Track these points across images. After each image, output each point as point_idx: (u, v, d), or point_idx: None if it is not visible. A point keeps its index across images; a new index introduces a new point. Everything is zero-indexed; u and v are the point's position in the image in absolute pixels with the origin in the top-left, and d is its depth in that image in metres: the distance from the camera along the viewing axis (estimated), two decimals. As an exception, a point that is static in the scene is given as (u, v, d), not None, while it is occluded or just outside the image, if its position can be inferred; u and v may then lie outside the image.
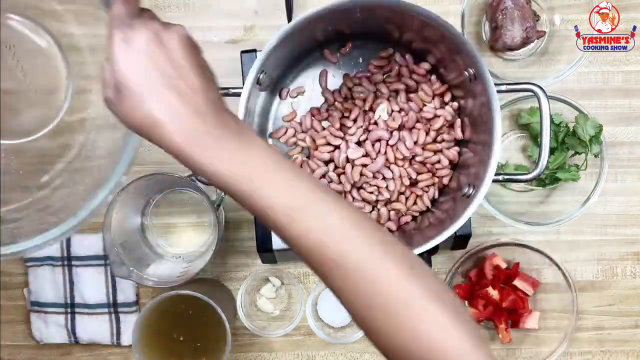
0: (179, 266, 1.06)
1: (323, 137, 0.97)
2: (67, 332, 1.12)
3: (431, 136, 0.96)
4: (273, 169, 0.56)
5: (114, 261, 0.99)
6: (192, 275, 0.98)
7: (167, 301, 0.98)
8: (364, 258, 0.56)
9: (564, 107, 1.07)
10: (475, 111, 0.92)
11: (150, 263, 1.05)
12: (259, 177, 0.56)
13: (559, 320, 1.10)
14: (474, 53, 0.86)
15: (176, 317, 1.01)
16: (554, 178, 1.08)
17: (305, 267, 1.12)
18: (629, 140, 1.11)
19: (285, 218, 0.56)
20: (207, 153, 0.55)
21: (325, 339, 1.10)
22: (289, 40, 0.88)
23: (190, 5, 1.11)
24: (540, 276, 1.11)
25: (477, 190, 0.87)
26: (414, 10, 0.86)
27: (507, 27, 1.06)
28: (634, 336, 1.12)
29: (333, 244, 0.55)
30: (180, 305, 1.00)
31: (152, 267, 1.04)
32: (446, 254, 1.11)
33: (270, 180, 0.56)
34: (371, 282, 0.55)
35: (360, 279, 0.56)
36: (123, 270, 1.00)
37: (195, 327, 1.01)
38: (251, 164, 0.56)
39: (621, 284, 1.12)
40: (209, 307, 0.97)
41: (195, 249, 1.10)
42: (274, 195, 0.57)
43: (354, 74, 0.99)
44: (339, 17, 0.90)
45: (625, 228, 1.12)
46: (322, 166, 0.97)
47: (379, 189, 0.96)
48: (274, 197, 0.57)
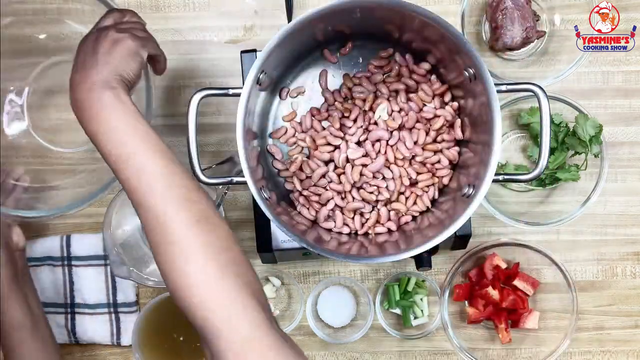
0: None
1: (323, 137, 0.97)
2: (67, 332, 1.12)
3: (431, 136, 0.96)
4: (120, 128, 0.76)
5: (114, 261, 0.99)
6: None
7: (167, 301, 0.98)
8: (163, 210, 0.72)
9: (564, 107, 1.07)
10: (475, 111, 0.92)
11: (150, 263, 1.05)
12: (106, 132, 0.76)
13: (559, 320, 1.10)
14: (474, 53, 0.86)
15: (176, 317, 1.01)
16: (554, 178, 1.08)
17: (305, 267, 1.13)
18: (629, 140, 1.11)
19: (115, 165, 0.75)
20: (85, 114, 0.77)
21: (325, 339, 1.10)
22: (289, 40, 0.88)
23: (190, 5, 1.11)
24: (540, 276, 1.11)
25: (477, 190, 0.87)
26: (414, 10, 0.86)
27: (507, 27, 1.06)
28: (634, 336, 1.12)
29: (141, 191, 0.73)
30: None
31: (152, 267, 1.04)
32: (446, 254, 1.11)
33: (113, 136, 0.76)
34: (162, 229, 0.72)
35: (155, 224, 0.72)
36: (123, 270, 0.99)
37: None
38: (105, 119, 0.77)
39: (621, 284, 1.12)
40: None
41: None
42: (112, 147, 0.75)
43: (354, 74, 0.99)
44: (339, 17, 0.90)
45: (625, 228, 1.12)
46: (322, 166, 0.97)
47: (379, 189, 0.96)
48: (113, 148, 0.75)
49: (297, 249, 1.01)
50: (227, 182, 0.90)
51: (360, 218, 0.97)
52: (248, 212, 1.11)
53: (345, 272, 1.13)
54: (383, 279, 1.12)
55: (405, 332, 1.12)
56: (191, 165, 0.88)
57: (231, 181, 0.89)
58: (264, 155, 0.99)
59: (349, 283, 1.12)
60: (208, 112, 1.11)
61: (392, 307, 1.11)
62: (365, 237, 0.96)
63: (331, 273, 1.13)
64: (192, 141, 0.88)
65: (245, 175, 0.87)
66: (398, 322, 1.12)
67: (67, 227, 1.13)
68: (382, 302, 1.12)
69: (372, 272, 1.13)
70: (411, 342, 1.12)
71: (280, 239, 1.00)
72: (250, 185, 0.87)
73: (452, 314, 1.11)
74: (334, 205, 0.96)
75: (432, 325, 1.11)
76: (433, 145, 0.96)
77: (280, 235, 1.00)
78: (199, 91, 0.89)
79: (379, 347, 1.12)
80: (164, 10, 1.11)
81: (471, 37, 1.11)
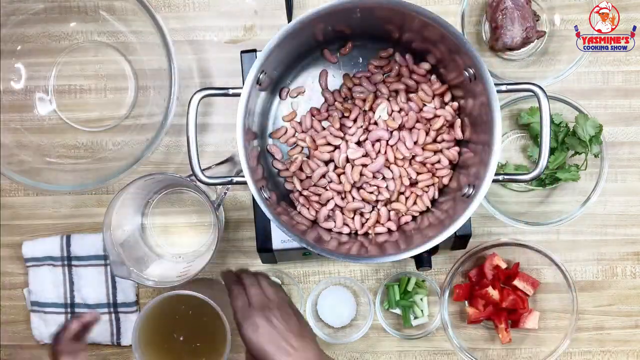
0: (179, 266, 1.06)
1: (323, 137, 0.97)
2: (67, 332, 1.12)
3: (431, 136, 0.96)
4: None
5: (114, 261, 0.99)
6: (192, 275, 0.98)
7: (167, 301, 0.98)
8: None
9: (564, 107, 1.07)
10: (475, 111, 0.92)
11: (150, 263, 1.05)
12: None
13: (559, 320, 1.10)
14: (474, 53, 0.86)
15: (176, 317, 1.01)
16: (554, 178, 1.08)
17: (305, 267, 1.13)
18: (629, 140, 1.11)
19: None
20: None
21: (325, 339, 1.10)
22: (289, 40, 0.88)
23: (190, 5, 1.11)
24: (540, 276, 1.11)
25: (477, 190, 0.87)
26: (414, 10, 0.86)
27: (507, 27, 1.06)
28: (634, 336, 1.12)
29: None
30: (180, 305, 1.00)
31: (152, 267, 1.04)
32: (446, 254, 1.11)
33: None
34: None
35: None
36: (123, 270, 0.99)
37: (195, 327, 1.01)
38: None
39: (621, 284, 1.12)
40: (208, 307, 0.97)
41: (195, 249, 1.10)
42: None
43: (353, 74, 0.99)
44: (339, 17, 0.90)
45: (625, 228, 1.12)
46: (322, 166, 0.97)
47: (378, 189, 0.96)
48: None
49: (297, 249, 1.01)
50: (227, 182, 0.90)
51: (360, 218, 0.97)
52: (248, 212, 1.11)
53: (345, 272, 1.13)
54: (383, 279, 1.12)
55: (405, 332, 1.12)
56: (191, 166, 0.88)
57: (231, 181, 0.90)
58: (264, 155, 0.99)
59: (349, 283, 1.12)
60: (208, 112, 1.11)
61: (392, 307, 1.11)
62: (365, 237, 0.96)
63: (331, 273, 1.13)
64: (192, 141, 0.88)
65: (245, 175, 0.87)
66: (398, 322, 1.12)
67: (67, 227, 1.13)
68: (382, 302, 1.12)
69: (372, 272, 1.13)
70: (411, 342, 1.12)
71: (280, 239, 1.00)
72: (250, 185, 0.87)
73: (452, 314, 1.11)
74: (334, 205, 0.96)
75: (432, 325, 1.11)
76: (433, 145, 0.96)
77: (280, 235, 1.00)
78: (199, 91, 0.89)
79: (379, 347, 1.12)
80: (164, 10, 1.11)
81: (471, 37, 1.11)
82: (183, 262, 1.08)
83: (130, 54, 1.11)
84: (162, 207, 1.10)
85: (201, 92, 0.89)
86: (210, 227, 1.10)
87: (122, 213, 1.03)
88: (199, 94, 0.89)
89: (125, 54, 1.11)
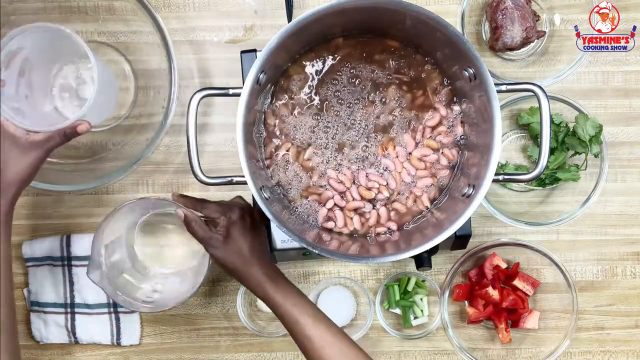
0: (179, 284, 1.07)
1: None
2: (67, 332, 1.12)
3: (431, 136, 0.96)
4: (296, 303, 0.94)
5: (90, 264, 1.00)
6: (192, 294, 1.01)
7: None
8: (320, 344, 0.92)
9: (564, 107, 1.07)
10: (475, 111, 0.92)
11: (134, 292, 1.05)
12: (290, 304, 0.94)
13: (559, 320, 1.10)
14: (474, 53, 0.86)
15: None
16: (554, 178, 1.08)
17: (305, 267, 1.13)
18: (629, 140, 1.11)
19: (291, 325, 0.93)
20: (271, 289, 0.94)
21: (325, 339, 1.10)
22: (289, 40, 0.88)
23: (190, 5, 1.11)
24: (540, 276, 1.11)
25: (477, 190, 0.87)
26: (414, 10, 0.86)
27: (507, 27, 1.06)
28: (634, 336, 1.12)
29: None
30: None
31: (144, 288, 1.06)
32: (446, 254, 1.11)
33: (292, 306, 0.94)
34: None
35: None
36: (96, 275, 1.00)
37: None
38: (288, 296, 0.94)
39: (621, 284, 1.12)
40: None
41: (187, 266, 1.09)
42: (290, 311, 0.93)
43: (354, 73, 0.99)
44: (338, 17, 0.90)
45: (625, 228, 1.12)
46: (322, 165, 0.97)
47: (379, 189, 0.96)
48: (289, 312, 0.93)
49: (297, 249, 1.01)
50: (227, 182, 0.90)
51: (360, 218, 0.97)
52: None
53: (345, 272, 1.13)
54: (383, 279, 1.12)
55: (405, 332, 1.12)
56: (191, 166, 0.88)
57: (231, 181, 0.89)
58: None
59: (349, 283, 1.12)
60: (208, 112, 1.11)
61: (392, 307, 1.11)
62: (365, 237, 0.96)
63: (331, 273, 1.13)
64: (192, 141, 0.88)
65: (245, 175, 0.87)
66: (398, 322, 1.12)
67: (67, 227, 1.13)
68: (382, 302, 1.12)
69: (372, 272, 1.13)
70: (411, 342, 1.12)
71: (280, 239, 1.00)
72: (250, 185, 0.87)
73: (452, 314, 1.11)
74: (333, 205, 0.96)
75: (432, 325, 1.11)
76: (433, 144, 0.96)
77: (280, 235, 1.00)
78: (199, 91, 0.89)
79: (379, 347, 1.12)
80: (164, 10, 1.11)
81: (471, 37, 1.11)
82: (177, 278, 1.08)
83: (130, 54, 1.11)
84: (151, 226, 1.09)
85: (201, 92, 0.89)
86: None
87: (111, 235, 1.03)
88: (199, 94, 0.89)
89: (125, 54, 1.11)
